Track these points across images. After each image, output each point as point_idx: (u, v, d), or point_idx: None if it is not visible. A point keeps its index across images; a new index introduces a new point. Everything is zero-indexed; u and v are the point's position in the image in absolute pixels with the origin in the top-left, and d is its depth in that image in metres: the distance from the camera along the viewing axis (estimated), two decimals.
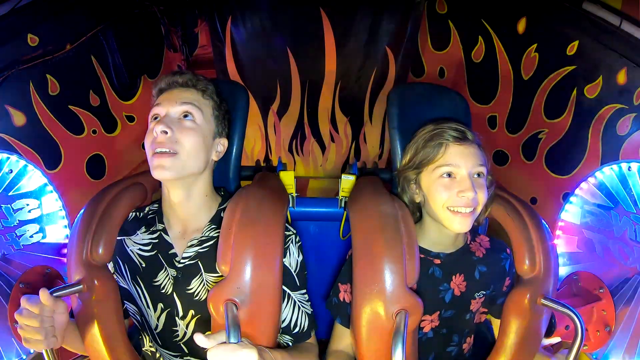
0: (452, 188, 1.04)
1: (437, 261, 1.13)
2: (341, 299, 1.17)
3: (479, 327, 1.27)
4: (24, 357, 1.18)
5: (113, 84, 1.72)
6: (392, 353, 0.92)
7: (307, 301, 1.13)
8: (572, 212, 1.38)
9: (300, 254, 1.11)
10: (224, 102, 1.15)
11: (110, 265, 1.11)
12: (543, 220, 1.16)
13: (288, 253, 1.08)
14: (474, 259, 1.15)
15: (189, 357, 1.11)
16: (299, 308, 1.11)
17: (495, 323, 1.22)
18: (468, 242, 1.17)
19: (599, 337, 1.20)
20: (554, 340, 1.18)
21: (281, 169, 1.42)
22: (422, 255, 1.11)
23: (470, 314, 1.15)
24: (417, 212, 1.17)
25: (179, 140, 0.99)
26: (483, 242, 1.19)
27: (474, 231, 1.20)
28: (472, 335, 1.21)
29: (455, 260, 1.13)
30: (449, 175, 1.05)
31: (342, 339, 1.18)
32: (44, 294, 0.90)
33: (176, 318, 1.07)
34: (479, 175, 1.06)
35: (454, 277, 1.13)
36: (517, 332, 1.07)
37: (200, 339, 0.85)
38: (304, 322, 1.12)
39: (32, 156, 1.32)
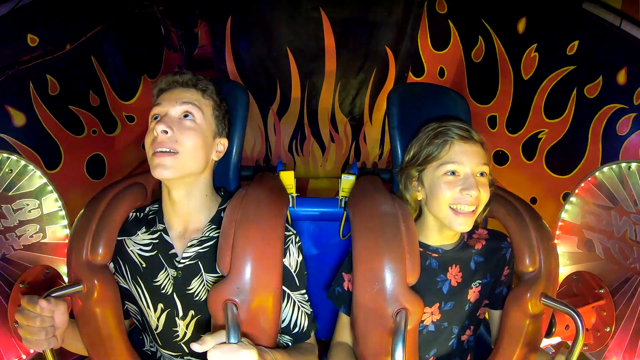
0: (455, 186, 1.04)
1: (435, 255, 1.13)
2: (345, 288, 1.17)
3: (479, 324, 1.27)
4: (24, 357, 1.17)
5: (113, 84, 1.72)
6: (392, 352, 0.92)
7: (306, 301, 1.13)
8: (572, 212, 1.38)
9: (300, 254, 1.11)
10: (224, 102, 1.15)
11: (111, 266, 1.11)
12: (543, 220, 1.16)
13: (288, 253, 1.08)
14: (472, 252, 1.16)
15: (189, 358, 1.11)
16: (299, 308, 1.11)
17: (492, 319, 1.23)
18: (466, 240, 1.18)
19: (599, 337, 1.20)
20: (554, 340, 1.18)
21: (281, 169, 1.42)
22: (420, 249, 1.11)
23: (468, 304, 1.15)
24: (418, 209, 1.17)
25: (180, 140, 1.00)
26: (482, 235, 1.20)
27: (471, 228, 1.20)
28: (472, 327, 1.21)
29: (452, 253, 1.14)
30: (453, 173, 1.06)
31: (346, 328, 1.18)
32: (42, 302, 0.90)
33: (176, 318, 1.07)
34: (482, 174, 1.06)
35: (450, 268, 1.13)
36: (517, 331, 1.07)
37: (196, 346, 0.85)
38: (304, 323, 1.12)
39: (32, 156, 1.32)
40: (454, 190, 1.04)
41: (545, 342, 1.17)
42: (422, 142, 1.11)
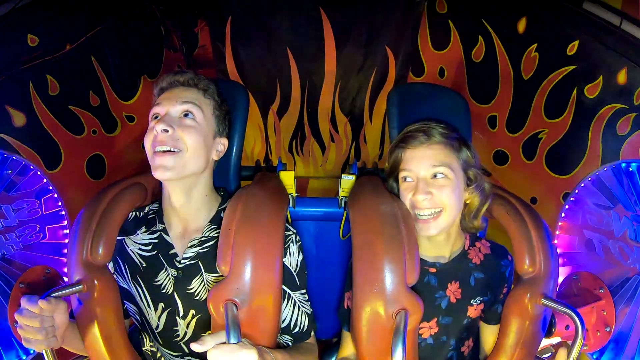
0: (410, 191, 1.08)
1: (433, 270, 1.12)
2: (346, 307, 1.17)
3: (478, 331, 1.26)
4: (24, 357, 1.17)
5: (113, 84, 1.72)
6: (392, 353, 0.92)
7: (306, 301, 1.13)
8: (572, 212, 1.38)
9: (300, 253, 1.11)
10: (225, 103, 1.15)
11: (110, 265, 1.11)
12: (543, 220, 1.16)
13: (288, 253, 1.08)
14: (470, 266, 1.14)
15: (189, 357, 1.11)
16: (299, 308, 1.11)
17: (483, 331, 1.22)
18: (466, 248, 1.16)
19: (599, 337, 1.20)
20: (554, 340, 1.18)
21: (281, 169, 1.42)
22: None
23: (467, 319, 1.15)
24: None
25: (181, 138, 1.00)
26: (483, 247, 1.18)
27: (474, 236, 1.19)
28: (472, 338, 1.21)
29: (451, 268, 1.13)
30: (406, 179, 1.09)
31: (348, 346, 1.18)
32: (42, 302, 0.90)
33: (177, 318, 1.07)
34: (437, 175, 1.07)
35: (449, 284, 1.12)
36: (517, 331, 1.07)
37: (196, 346, 0.85)
38: (304, 322, 1.12)
39: (32, 156, 1.32)
40: (409, 195, 1.07)
41: (545, 342, 1.17)
42: (389, 152, 1.16)
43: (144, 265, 1.08)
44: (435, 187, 1.05)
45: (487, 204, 1.13)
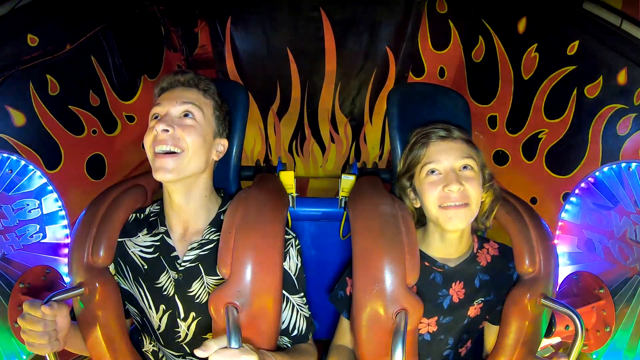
0: (438, 184, 1.05)
1: (440, 270, 1.12)
2: (348, 293, 1.17)
3: (479, 333, 1.26)
4: (24, 357, 1.17)
5: (113, 84, 1.72)
6: (392, 353, 0.92)
7: (305, 304, 1.13)
8: (572, 212, 1.37)
9: (299, 258, 1.11)
10: (225, 103, 1.15)
11: (112, 267, 1.11)
12: (543, 220, 1.16)
13: (288, 257, 1.08)
14: (477, 268, 1.14)
15: (191, 358, 1.11)
16: (298, 311, 1.11)
17: (486, 331, 1.22)
18: (475, 251, 1.16)
19: (599, 337, 1.20)
20: (554, 340, 1.18)
21: (281, 169, 1.42)
22: (426, 264, 1.11)
23: (467, 319, 1.14)
24: (423, 217, 1.16)
25: (181, 138, 1.00)
26: (492, 249, 1.18)
27: (482, 238, 1.19)
28: (471, 340, 1.20)
29: (458, 270, 1.13)
30: (433, 172, 1.06)
31: (347, 332, 1.18)
32: (45, 307, 0.90)
33: (178, 319, 1.07)
34: (465, 167, 1.06)
35: (453, 284, 1.12)
36: (517, 331, 1.07)
37: (200, 352, 0.85)
38: (302, 326, 1.12)
39: (32, 156, 1.32)
40: (438, 189, 1.04)
41: (545, 342, 1.17)
42: (407, 150, 1.14)
43: (146, 267, 1.08)
44: (464, 179, 1.03)
45: (498, 204, 1.14)
